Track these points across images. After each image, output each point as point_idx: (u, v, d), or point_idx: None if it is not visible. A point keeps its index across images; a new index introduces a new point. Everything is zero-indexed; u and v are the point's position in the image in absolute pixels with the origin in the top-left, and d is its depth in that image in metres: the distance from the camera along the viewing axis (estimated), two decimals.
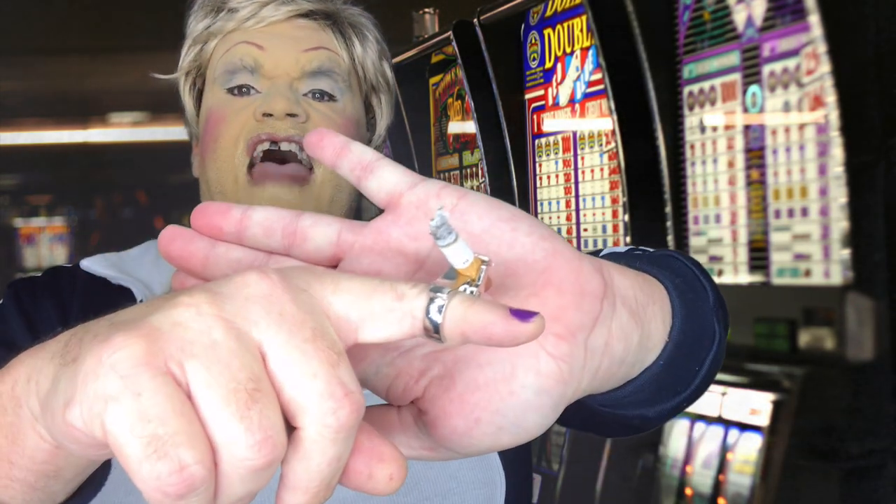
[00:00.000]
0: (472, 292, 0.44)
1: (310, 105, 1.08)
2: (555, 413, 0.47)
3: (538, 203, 1.83)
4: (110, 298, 1.07)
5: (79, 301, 1.09)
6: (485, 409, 0.47)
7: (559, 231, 1.77)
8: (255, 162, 1.06)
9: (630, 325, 0.51)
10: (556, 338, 0.46)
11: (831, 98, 1.16)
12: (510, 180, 1.84)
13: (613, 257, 0.60)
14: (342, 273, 0.45)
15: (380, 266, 0.51)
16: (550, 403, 0.47)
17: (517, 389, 0.46)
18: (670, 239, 1.44)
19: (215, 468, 0.40)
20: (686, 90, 1.43)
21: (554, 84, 1.77)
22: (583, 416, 0.63)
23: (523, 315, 0.43)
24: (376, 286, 0.44)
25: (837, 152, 1.16)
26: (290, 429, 0.40)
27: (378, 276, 0.46)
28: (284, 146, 1.05)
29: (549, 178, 1.80)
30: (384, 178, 0.51)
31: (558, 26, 1.74)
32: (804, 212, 1.23)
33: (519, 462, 1.08)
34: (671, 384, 0.60)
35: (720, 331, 0.63)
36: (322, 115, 1.08)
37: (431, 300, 0.43)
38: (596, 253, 0.66)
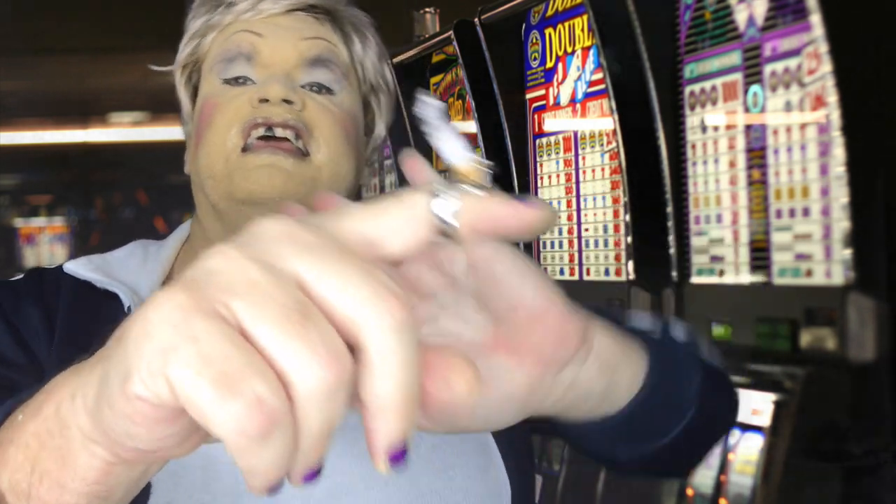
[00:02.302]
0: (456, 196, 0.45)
1: (307, 95, 1.06)
2: (516, 417, 0.56)
3: None
4: (97, 303, 1.04)
5: (64, 305, 1.05)
6: None
7: (560, 231, 1.77)
8: (249, 147, 1.03)
9: (596, 376, 0.60)
10: (533, 362, 0.55)
11: (833, 98, 1.16)
12: (511, 180, 1.84)
13: (634, 330, 0.72)
14: (343, 207, 0.47)
15: None
16: (514, 408, 0.56)
17: (492, 390, 0.54)
18: (671, 239, 1.44)
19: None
20: (687, 90, 1.43)
21: (555, 84, 1.76)
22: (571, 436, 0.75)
23: (530, 204, 0.46)
24: (382, 204, 0.47)
25: (839, 152, 1.16)
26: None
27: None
28: (279, 132, 1.02)
29: (550, 177, 1.79)
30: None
31: (559, 26, 1.74)
32: (805, 212, 1.23)
33: (522, 474, 1.07)
34: (643, 432, 0.72)
35: (702, 403, 0.74)
36: (319, 106, 1.06)
37: (439, 200, 0.45)
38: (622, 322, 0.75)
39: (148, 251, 1.13)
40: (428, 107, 0.45)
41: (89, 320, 1.03)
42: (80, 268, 1.07)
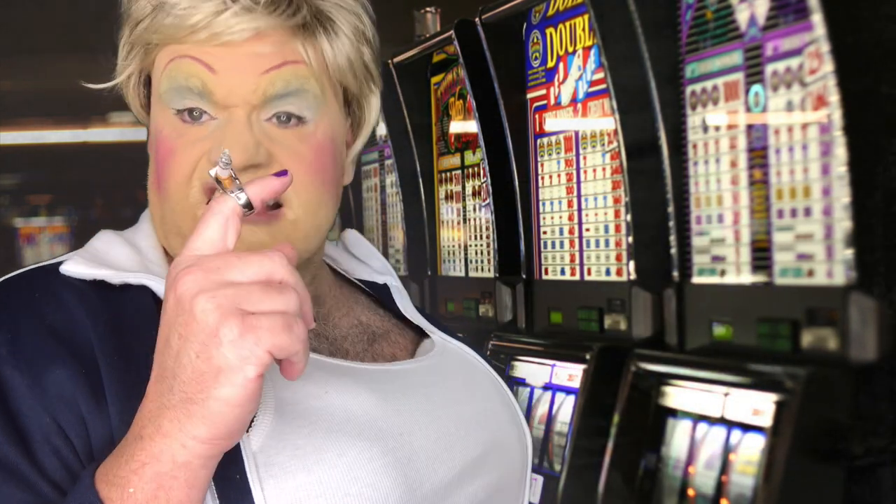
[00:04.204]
0: (241, 189, 0.84)
1: (272, 140, 0.97)
2: None
3: (540, 203, 1.82)
4: (120, 301, 0.96)
5: (92, 316, 0.94)
6: None
7: (560, 231, 1.77)
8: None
9: None
10: None
11: (834, 97, 1.16)
12: (512, 180, 1.84)
13: None
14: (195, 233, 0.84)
15: None
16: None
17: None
18: (673, 239, 1.44)
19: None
20: (688, 89, 1.43)
21: (556, 83, 1.76)
22: None
23: (279, 174, 0.86)
24: (205, 218, 0.82)
25: (840, 152, 1.16)
26: None
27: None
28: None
29: (550, 177, 1.79)
30: None
31: (560, 25, 1.74)
32: (807, 212, 1.23)
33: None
34: None
35: None
36: (287, 152, 0.97)
37: (238, 199, 0.81)
38: None
39: (127, 239, 1.07)
40: (226, 158, 0.84)
41: (127, 323, 0.95)
42: (81, 267, 0.99)
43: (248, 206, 0.82)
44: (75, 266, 1.00)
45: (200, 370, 0.77)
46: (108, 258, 1.03)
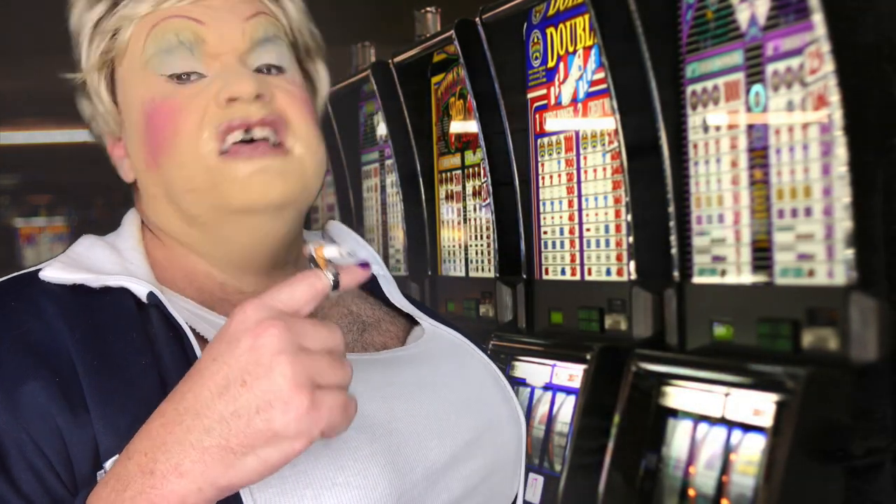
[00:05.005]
0: (336, 272, 0.87)
1: (270, 82, 1.00)
2: None
3: (540, 203, 1.82)
4: (100, 304, 0.95)
5: (70, 321, 0.92)
6: None
7: (561, 231, 1.77)
8: (227, 152, 0.97)
9: None
10: None
11: (835, 97, 1.16)
12: (512, 180, 1.84)
13: None
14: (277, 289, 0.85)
15: None
16: None
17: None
18: (673, 239, 1.44)
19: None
20: (689, 89, 1.43)
21: (556, 83, 1.76)
22: None
23: (362, 265, 0.88)
24: (298, 281, 0.84)
25: (841, 152, 1.16)
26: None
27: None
28: (258, 133, 0.97)
29: (551, 177, 1.79)
30: None
31: (561, 25, 1.74)
32: (808, 212, 1.23)
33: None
34: None
35: None
36: (284, 92, 1.00)
37: (330, 278, 0.84)
38: None
39: (108, 242, 1.06)
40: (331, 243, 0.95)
41: (106, 325, 0.94)
42: (60, 272, 0.98)
43: (335, 286, 0.86)
44: (54, 271, 0.98)
45: (256, 427, 0.77)
46: (88, 262, 1.01)
